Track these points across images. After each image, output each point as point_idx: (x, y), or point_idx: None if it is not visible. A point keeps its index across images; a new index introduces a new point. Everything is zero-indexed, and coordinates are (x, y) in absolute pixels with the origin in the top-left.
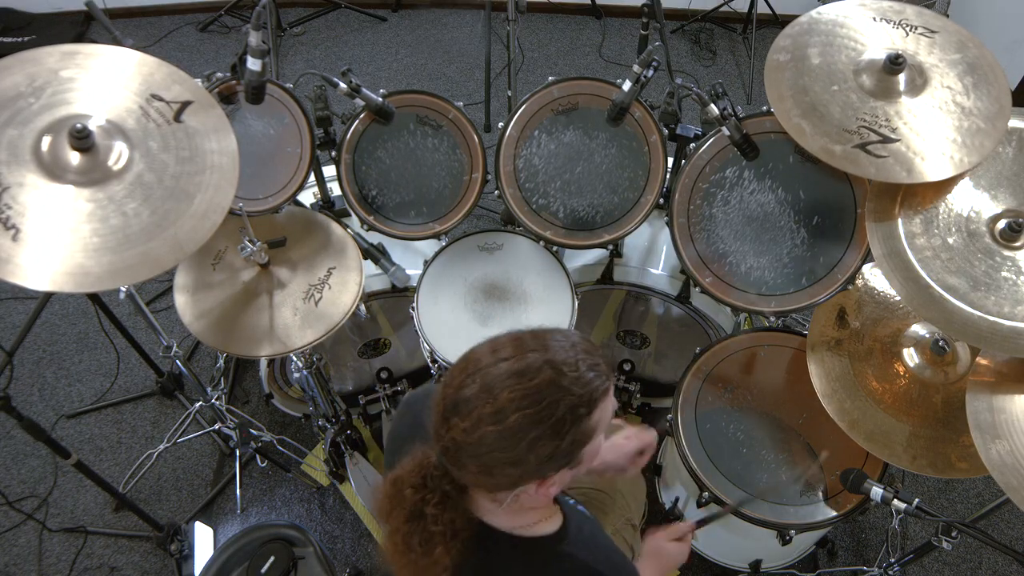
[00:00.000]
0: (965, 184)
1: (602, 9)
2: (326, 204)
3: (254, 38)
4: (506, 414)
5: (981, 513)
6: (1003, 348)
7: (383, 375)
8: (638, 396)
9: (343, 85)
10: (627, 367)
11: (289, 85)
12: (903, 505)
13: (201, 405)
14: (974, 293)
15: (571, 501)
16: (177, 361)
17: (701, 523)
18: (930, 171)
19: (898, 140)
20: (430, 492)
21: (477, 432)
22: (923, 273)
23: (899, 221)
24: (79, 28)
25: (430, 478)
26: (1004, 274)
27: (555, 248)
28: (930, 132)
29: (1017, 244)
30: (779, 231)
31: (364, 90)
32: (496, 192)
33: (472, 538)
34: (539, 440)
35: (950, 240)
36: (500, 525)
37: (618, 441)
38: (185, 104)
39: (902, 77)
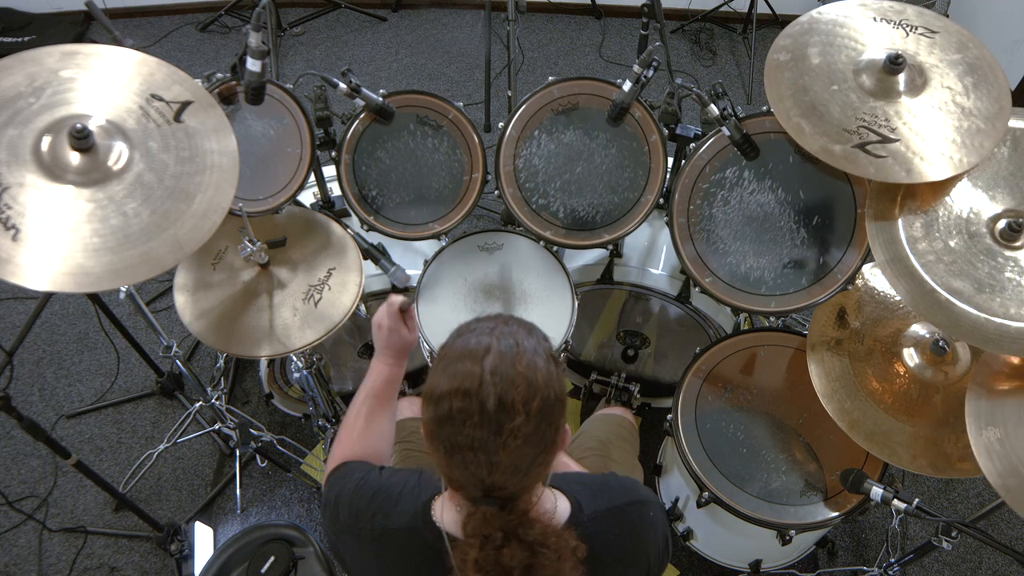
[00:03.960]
0: (964, 185)
1: (602, 9)
2: (326, 204)
3: (254, 39)
4: (533, 382)
5: (981, 513)
6: (1012, 350)
7: None
8: (638, 396)
9: (343, 85)
10: (630, 354)
11: (289, 85)
12: (903, 505)
13: (201, 405)
14: (979, 296)
15: None
16: (177, 361)
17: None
18: (929, 171)
19: (897, 140)
20: (520, 528)
21: (532, 418)
22: (927, 278)
23: (900, 226)
24: (79, 28)
25: (504, 524)
26: (1007, 275)
27: (555, 248)
28: (930, 132)
29: (1017, 244)
30: (779, 231)
31: (364, 90)
32: (496, 192)
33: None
34: (558, 381)
35: (952, 243)
36: (542, 518)
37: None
38: (185, 104)
39: (902, 77)
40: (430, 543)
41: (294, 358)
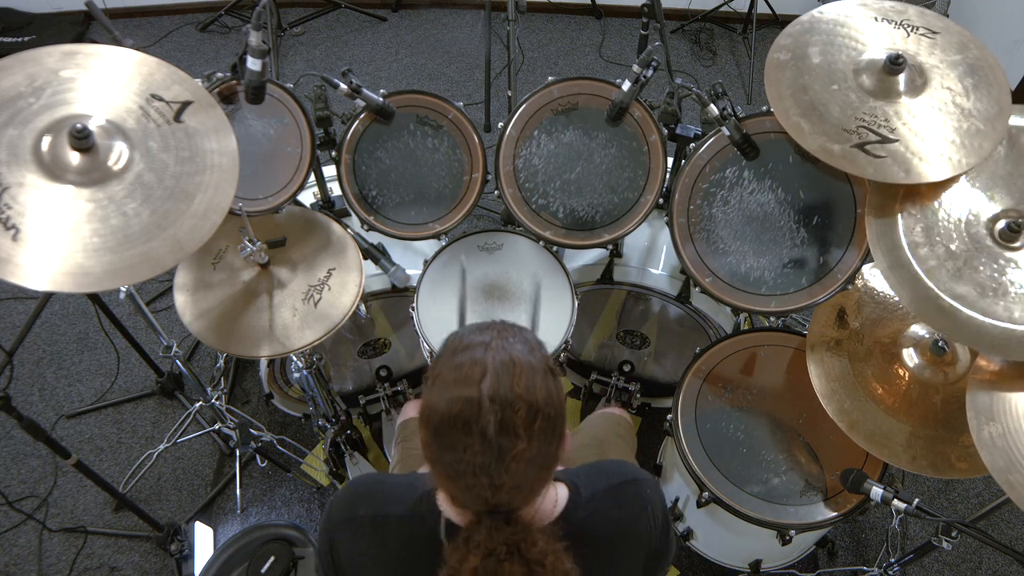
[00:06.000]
0: (962, 186)
1: (602, 9)
2: (326, 204)
3: (254, 38)
4: (533, 401)
5: (981, 513)
6: (1018, 354)
7: (382, 372)
8: (638, 396)
9: (343, 85)
10: (627, 368)
11: (289, 85)
12: (903, 505)
13: (201, 405)
14: (983, 300)
15: None
16: (177, 361)
17: None
18: (928, 172)
19: (896, 140)
20: (522, 544)
21: (535, 439)
22: (931, 284)
23: (901, 232)
24: (79, 28)
25: (508, 539)
26: (1009, 277)
27: (555, 248)
28: (929, 133)
29: (1017, 244)
30: (779, 231)
31: (364, 90)
32: (496, 192)
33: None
34: (558, 395)
35: (952, 247)
36: (546, 519)
37: None
38: (185, 104)
39: (902, 77)
40: (431, 530)
41: (294, 358)
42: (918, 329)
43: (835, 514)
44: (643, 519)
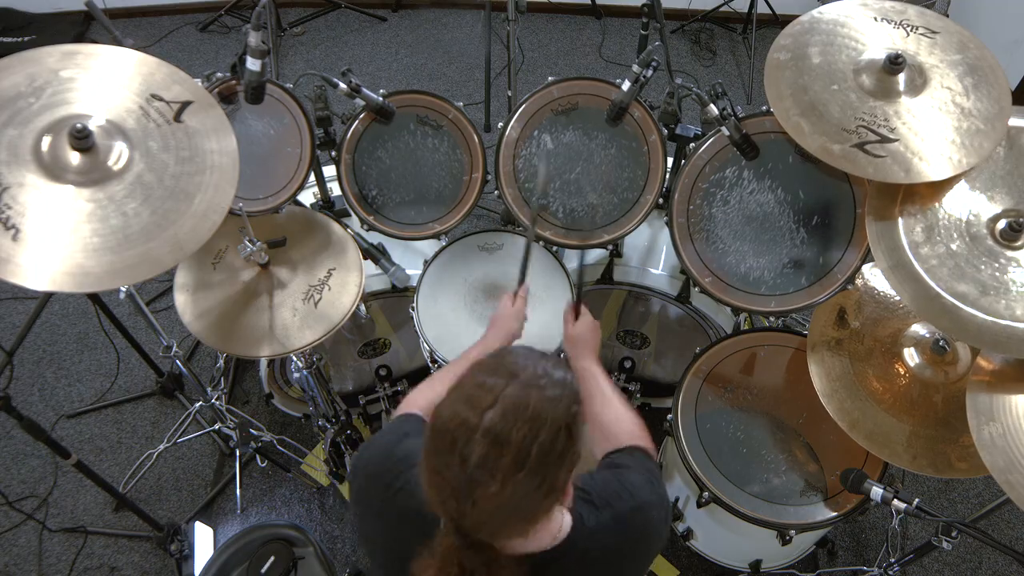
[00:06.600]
0: (962, 186)
1: (602, 9)
2: (326, 204)
3: (254, 38)
4: (526, 453)
5: (981, 513)
6: (1020, 352)
7: (382, 372)
8: (638, 396)
9: (343, 85)
10: (627, 364)
11: (289, 85)
12: (903, 505)
13: (201, 405)
14: (984, 298)
15: None
16: (177, 361)
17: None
18: (928, 171)
19: (896, 140)
20: (476, 572)
21: (509, 485)
22: (932, 283)
23: (901, 231)
24: (79, 28)
25: (464, 561)
26: (1011, 276)
27: (555, 248)
28: (929, 133)
29: (1018, 244)
30: (779, 231)
31: (364, 90)
32: (496, 192)
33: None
34: (564, 456)
35: (953, 246)
36: (540, 548)
37: (503, 312)
38: (185, 104)
39: (902, 77)
40: (431, 520)
41: (294, 358)
42: (919, 328)
43: (835, 514)
44: (648, 544)
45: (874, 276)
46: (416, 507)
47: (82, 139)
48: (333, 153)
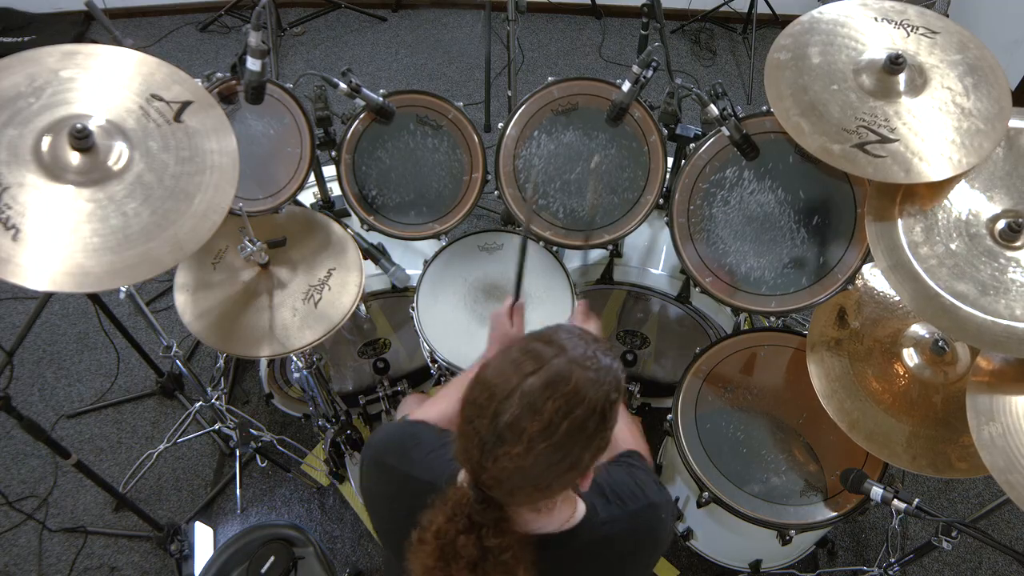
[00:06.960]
0: (962, 186)
1: (602, 9)
2: (326, 204)
3: (254, 38)
4: (556, 425)
5: (981, 513)
6: (1020, 352)
7: (380, 365)
8: (638, 396)
9: (343, 85)
10: (630, 357)
11: (289, 85)
12: (903, 505)
13: (201, 405)
14: (984, 298)
15: None
16: (177, 361)
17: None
18: (928, 171)
19: (896, 140)
20: (485, 527)
21: (532, 453)
22: (931, 283)
23: (901, 231)
24: (79, 28)
25: (475, 515)
26: (1011, 276)
27: (555, 248)
28: (929, 133)
29: (1018, 244)
30: (779, 231)
31: (364, 90)
32: (496, 192)
33: (536, 555)
34: (592, 438)
35: (952, 246)
36: (549, 529)
37: (503, 332)
38: (185, 104)
39: (902, 77)
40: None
41: (294, 358)
42: (918, 329)
43: (835, 514)
44: (655, 542)
45: (874, 276)
46: (427, 490)
47: (82, 139)
48: (333, 153)
